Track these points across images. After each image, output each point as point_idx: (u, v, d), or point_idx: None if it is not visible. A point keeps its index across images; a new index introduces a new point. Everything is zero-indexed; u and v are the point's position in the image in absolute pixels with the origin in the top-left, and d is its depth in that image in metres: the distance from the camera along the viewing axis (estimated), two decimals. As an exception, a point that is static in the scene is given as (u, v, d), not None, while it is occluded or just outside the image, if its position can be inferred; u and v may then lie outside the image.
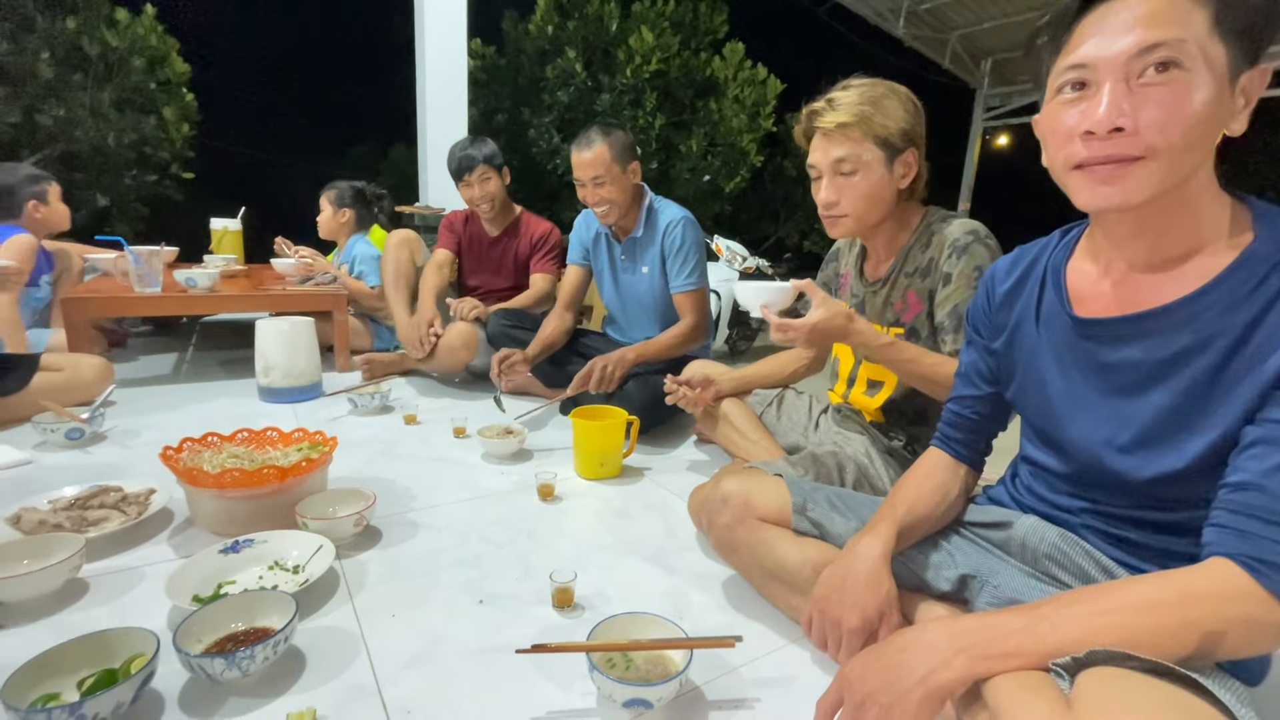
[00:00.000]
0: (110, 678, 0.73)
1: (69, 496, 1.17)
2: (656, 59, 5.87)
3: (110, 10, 5.03)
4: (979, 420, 0.89)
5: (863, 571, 0.78)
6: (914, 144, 1.10)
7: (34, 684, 0.70)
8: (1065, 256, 0.77)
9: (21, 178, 2.28)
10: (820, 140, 1.12)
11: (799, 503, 0.96)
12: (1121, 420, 0.69)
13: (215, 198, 4.13)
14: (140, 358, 2.50)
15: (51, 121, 4.87)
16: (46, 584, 0.91)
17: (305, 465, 1.16)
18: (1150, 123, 0.58)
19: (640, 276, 1.98)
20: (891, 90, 1.09)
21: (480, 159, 2.24)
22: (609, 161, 1.80)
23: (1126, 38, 0.58)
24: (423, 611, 0.97)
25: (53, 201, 2.38)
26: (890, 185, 1.11)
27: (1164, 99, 0.57)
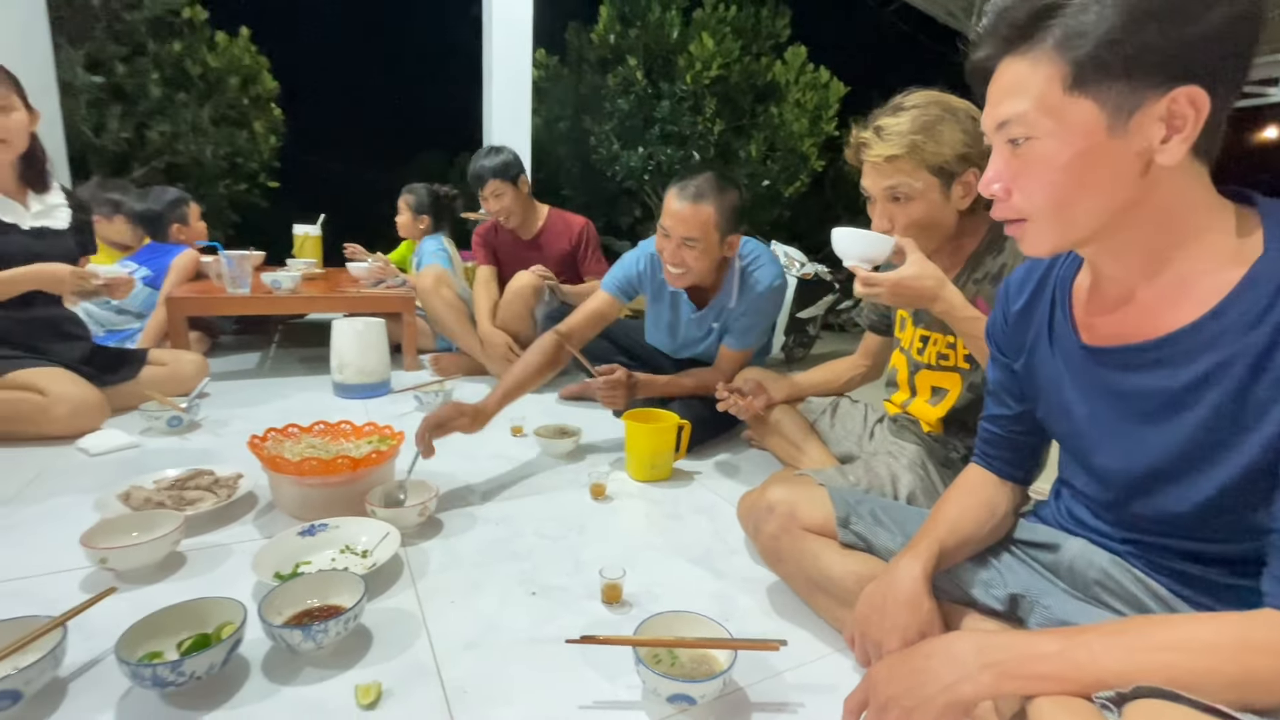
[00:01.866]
0: (204, 641, 0.81)
1: (170, 477, 1.29)
2: (717, 65, 5.87)
3: (211, 34, 5.46)
4: (1016, 438, 0.85)
5: (902, 593, 0.76)
6: (974, 164, 1.05)
7: (140, 642, 0.79)
8: (1073, 272, 0.73)
9: (166, 204, 2.62)
10: (870, 169, 1.09)
11: (843, 516, 0.95)
12: (1149, 449, 0.64)
13: (296, 204, 4.40)
14: (230, 354, 2.71)
15: (158, 137, 5.31)
16: (152, 555, 1.01)
17: (375, 457, 1.24)
18: (1019, 189, 0.61)
19: (707, 331, 1.84)
20: (948, 111, 1.04)
21: (490, 173, 2.21)
22: (710, 227, 1.54)
23: (990, 113, 0.61)
24: (479, 599, 1.02)
25: (192, 221, 2.70)
26: (947, 209, 1.08)
27: (1024, 168, 0.59)
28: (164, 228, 2.62)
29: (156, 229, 2.62)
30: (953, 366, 1.21)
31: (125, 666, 0.73)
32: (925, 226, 1.09)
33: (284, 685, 0.81)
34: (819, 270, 4.40)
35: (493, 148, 2.30)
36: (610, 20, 6.25)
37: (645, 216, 7.06)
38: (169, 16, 5.23)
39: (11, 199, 1.61)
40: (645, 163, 6.18)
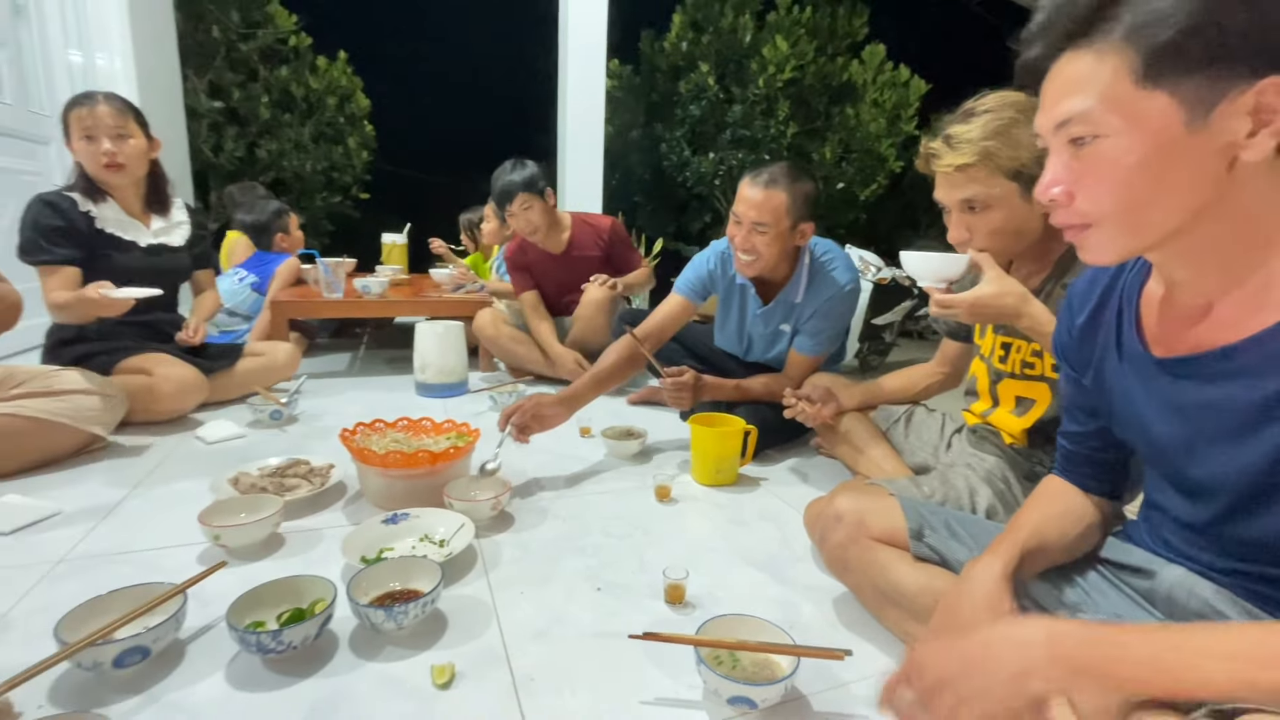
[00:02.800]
0: (300, 614, 0.88)
1: (272, 465, 1.41)
2: (790, 67, 5.79)
3: (313, 58, 5.92)
4: (1095, 454, 0.79)
5: (980, 594, 0.71)
6: None
7: (247, 612, 0.87)
8: (1141, 280, 0.67)
9: (270, 214, 2.88)
10: (942, 180, 1.04)
11: (915, 528, 0.92)
12: (1242, 465, 0.58)
13: (384, 214, 4.68)
14: (324, 355, 2.92)
15: (266, 154, 5.81)
16: (257, 534, 1.11)
17: (453, 452, 1.31)
18: (1083, 192, 0.56)
19: (778, 333, 1.82)
20: (1024, 111, 0.98)
21: (519, 187, 2.20)
22: (782, 213, 1.55)
23: (1047, 113, 0.57)
24: (547, 592, 1.05)
25: (293, 230, 2.95)
26: (1031, 214, 1.02)
27: (1089, 170, 0.55)
28: (269, 237, 2.86)
29: (262, 238, 2.86)
30: (1039, 375, 1.14)
31: (234, 632, 0.81)
32: (1007, 234, 1.04)
33: (368, 660, 0.87)
34: (896, 275, 4.24)
35: (517, 162, 2.28)
36: (683, 27, 6.29)
37: (715, 222, 7.03)
38: (278, 45, 5.71)
39: (135, 218, 1.78)
40: (716, 168, 6.16)
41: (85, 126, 1.63)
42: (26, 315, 1.50)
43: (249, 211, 2.90)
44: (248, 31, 5.51)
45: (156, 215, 1.84)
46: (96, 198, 1.71)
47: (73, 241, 1.65)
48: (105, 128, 1.64)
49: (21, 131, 2.61)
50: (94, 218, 1.70)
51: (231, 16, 5.34)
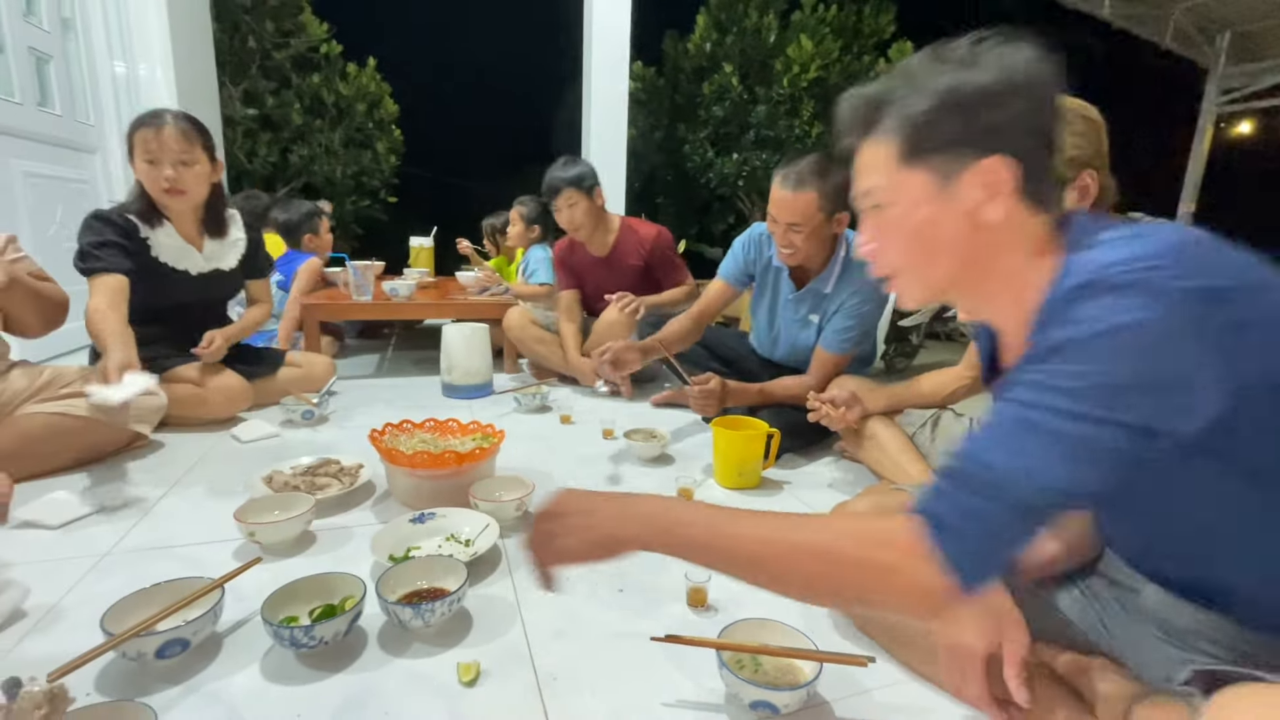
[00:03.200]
0: (331, 610, 0.91)
1: (304, 464, 1.45)
2: (815, 67, 5.75)
3: (344, 65, 6.05)
4: None
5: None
6: (1087, 165, 0.97)
7: (280, 607, 0.89)
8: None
9: (301, 215, 2.95)
10: None
11: None
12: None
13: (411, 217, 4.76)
14: (353, 356, 2.98)
15: (299, 159, 5.96)
16: (290, 531, 1.15)
17: (479, 453, 1.33)
18: (882, 251, 0.69)
19: (805, 323, 1.84)
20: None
21: (566, 182, 2.22)
22: (814, 211, 1.59)
23: (856, 186, 0.70)
24: (570, 592, 1.07)
25: (322, 233, 3.01)
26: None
27: (883, 232, 0.68)
28: (298, 236, 2.92)
29: (290, 237, 2.92)
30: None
31: (268, 626, 0.84)
32: None
33: (396, 656, 0.89)
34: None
35: (568, 159, 2.32)
36: (707, 28, 6.28)
37: (738, 223, 7.00)
38: (310, 53, 5.85)
39: (190, 243, 1.78)
40: (739, 169, 6.14)
41: (150, 150, 1.62)
42: (73, 317, 1.57)
43: (284, 211, 2.97)
44: (281, 41, 5.66)
45: (213, 238, 1.84)
46: (154, 221, 1.71)
47: (127, 258, 1.65)
48: (170, 153, 1.63)
49: (70, 141, 2.72)
50: (150, 244, 1.71)
51: (266, 26, 5.49)
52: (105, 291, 1.57)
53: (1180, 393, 0.50)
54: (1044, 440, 0.51)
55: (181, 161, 1.66)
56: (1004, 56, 0.59)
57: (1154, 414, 0.50)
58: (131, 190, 1.73)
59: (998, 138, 0.60)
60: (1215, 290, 0.49)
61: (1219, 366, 0.49)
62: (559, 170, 2.28)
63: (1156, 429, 0.50)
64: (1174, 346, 0.48)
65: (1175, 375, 0.49)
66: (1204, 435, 0.52)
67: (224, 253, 1.88)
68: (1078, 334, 0.50)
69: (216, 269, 1.85)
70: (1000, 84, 0.59)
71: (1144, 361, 0.49)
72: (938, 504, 0.54)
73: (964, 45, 0.61)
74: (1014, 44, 0.60)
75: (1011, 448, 0.52)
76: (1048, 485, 0.51)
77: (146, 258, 1.71)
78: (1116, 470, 0.51)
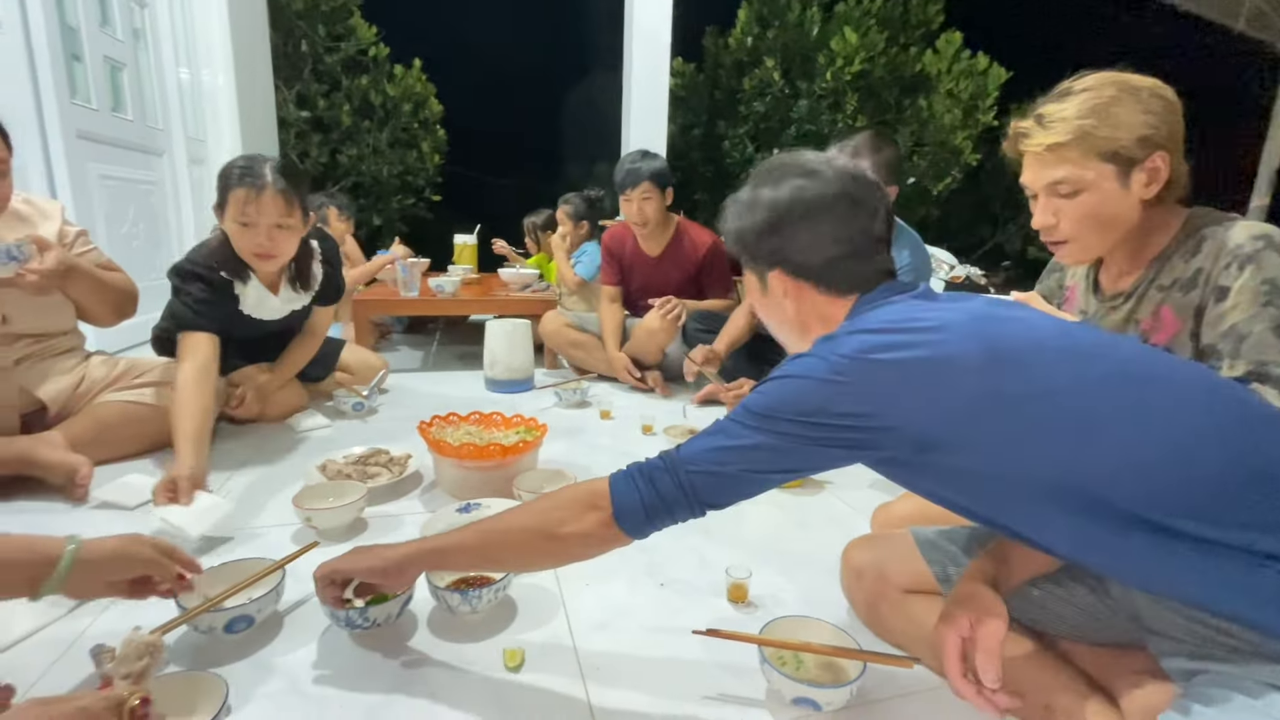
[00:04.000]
0: (382, 596, 0.94)
1: (356, 454, 1.50)
2: (860, 60, 5.63)
3: (391, 67, 6.21)
4: None
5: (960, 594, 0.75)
6: (1160, 147, 0.92)
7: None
8: None
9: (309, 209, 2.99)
10: (1031, 160, 0.98)
11: (940, 571, 0.88)
12: None
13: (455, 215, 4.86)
14: (400, 350, 3.07)
15: (347, 160, 6.15)
16: (344, 517, 1.20)
17: (522, 446, 1.36)
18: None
19: None
20: (1126, 90, 0.91)
21: (646, 175, 2.22)
22: None
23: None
24: (611, 585, 1.08)
25: (332, 222, 3.06)
26: (1127, 200, 0.94)
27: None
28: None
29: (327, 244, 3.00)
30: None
31: (326, 608, 0.87)
32: (1099, 221, 0.97)
33: (445, 641, 0.92)
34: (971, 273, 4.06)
35: (645, 152, 2.32)
36: (748, 23, 6.22)
37: (778, 219, 6.92)
38: (359, 56, 6.02)
39: (270, 291, 1.70)
40: (780, 165, 6.06)
41: (246, 214, 1.50)
42: (145, 309, 1.67)
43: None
44: (332, 44, 5.84)
45: (293, 291, 1.76)
46: (243, 276, 1.64)
47: (220, 319, 1.59)
48: (267, 217, 1.52)
49: (140, 144, 2.87)
50: (239, 299, 1.67)
51: (318, 30, 5.68)
52: (198, 358, 1.48)
53: (819, 419, 0.67)
54: (714, 432, 0.74)
55: (278, 225, 1.54)
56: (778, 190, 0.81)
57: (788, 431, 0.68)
58: (215, 238, 1.64)
59: (761, 257, 0.83)
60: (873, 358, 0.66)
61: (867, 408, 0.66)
62: (639, 161, 2.25)
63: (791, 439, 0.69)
64: (817, 391, 0.67)
65: (813, 409, 0.67)
66: (885, 455, 0.70)
67: (298, 297, 1.80)
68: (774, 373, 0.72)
69: (291, 310, 1.80)
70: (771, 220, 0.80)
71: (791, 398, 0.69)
72: (638, 461, 0.78)
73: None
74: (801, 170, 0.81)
75: (693, 438, 0.76)
76: (691, 457, 0.73)
77: (234, 309, 1.67)
78: (760, 456, 0.70)
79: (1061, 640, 0.83)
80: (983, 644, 0.68)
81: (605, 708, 0.81)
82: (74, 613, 0.95)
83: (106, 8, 2.69)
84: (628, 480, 0.75)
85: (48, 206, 1.50)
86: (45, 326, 1.44)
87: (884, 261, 0.81)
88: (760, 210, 0.80)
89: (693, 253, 2.42)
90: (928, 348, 0.64)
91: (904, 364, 0.64)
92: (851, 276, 0.79)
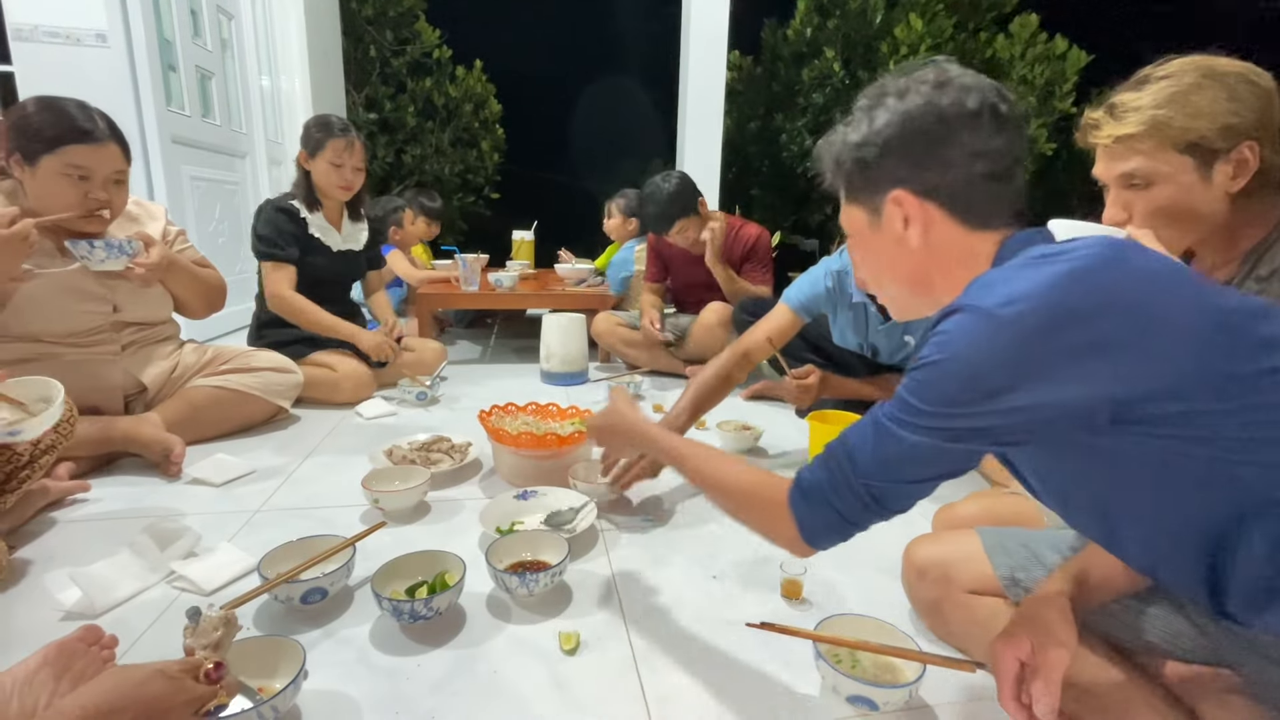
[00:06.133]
0: (437, 584, 0.96)
1: (420, 441, 1.56)
2: (925, 47, 5.41)
3: (453, 69, 6.39)
4: None
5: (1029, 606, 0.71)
6: (1248, 137, 0.84)
7: (385, 583, 0.94)
8: None
9: (387, 210, 3.17)
10: (1102, 152, 0.92)
11: (1006, 575, 0.83)
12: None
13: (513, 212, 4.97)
14: (461, 343, 3.17)
15: (411, 159, 6.37)
16: (409, 500, 1.25)
17: (578, 436, 1.38)
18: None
19: (900, 343, 1.75)
20: (1210, 76, 0.84)
21: (676, 215, 2.23)
22: None
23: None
24: (664, 575, 1.09)
25: (406, 224, 3.21)
26: (1209, 193, 0.87)
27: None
28: (385, 231, 3.12)
29: (382, 232, 3.13)
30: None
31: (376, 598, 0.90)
32: (1174, 215, 0.90)
33: (503, 621, 0.95)
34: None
35: (654, 185, 2.27)
36: (807, 13, 6.08)
37: (836, 214, 6.73)
38: (423, 58, 6.23)
39: (332, 225, 2.10)
40: (840, 158, 5.89)
41: (340, 156, 1.98)
42: (231, 302, 1.79)
43: (371, 209, 3.18)
44: (399, 48, 6.06)
45: (348, 221, 2.16)
46: (312, 207, 2.04)
47: (296, 243, 2.00)
48: (355, 161, 2.01)
49: (226, 147, 3.07)
50: (308, 223, 2.04)
51: (386, 35, 5.90)
52: (286, 277, 1.98)
53: (1002, 401, 0.55)
54: (879, 436, 0.64)
55: (358, 169, 2.04)
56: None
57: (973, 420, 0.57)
58: (296, 182, 2.07)
59: (884, 175, 0.69)
60: (1065, 315, 0.53)
61: (1056, 380, 0.54)
62: (659, 205, 2.24)
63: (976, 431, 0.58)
64: (993, 366, 0.55)
65: (992, 389, 0.55)
66: (1064, 429, 0.57)
67: (355, 235, 2.18)
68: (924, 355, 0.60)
69: (349, 249, 2.15)
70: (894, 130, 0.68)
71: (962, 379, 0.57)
72: (805, 472, 0.70)
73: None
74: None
75: (859, 439, 0.66)
76: (867, 471, 0.64)
77: (305, 234, 2.03)
78: (937, 463, 0.62)
79: (1139, 653, 0.79)
80: (1043, 672, 0.64)
81: (659, 694, 0.82)
82: (170, 579, 1.03)
83: (198, 21, 2.88)
84: (807, 505, 0.68)
85: (154, 208, 1.65)
86: (148, 316, 1.57)
87: (1022, 194, 0.69)
88: (880, 122, 0.68)
89: (738, 247, 2.42)
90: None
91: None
92: (995, 201, 0.67)
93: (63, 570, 1.01)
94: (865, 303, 1.72)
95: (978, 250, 0.67)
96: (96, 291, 1.44)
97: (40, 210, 1.31)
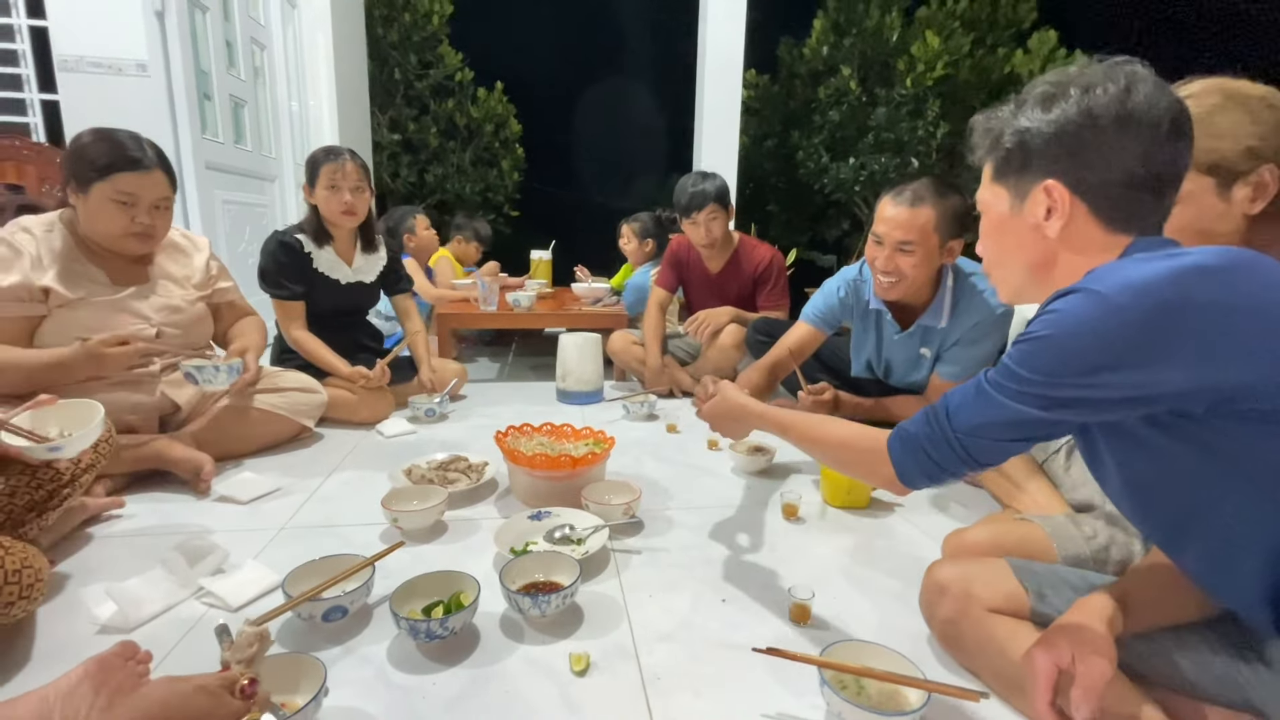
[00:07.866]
0: (453, 605, 0.99)
1: (438, 460, 1.60)
2: (942, 64, 5.42)
3: (474, 90, 6.55)
4: None
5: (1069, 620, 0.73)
6: (1269, 160, 0.85)
7: (403, 602, 0.97)
8: None
9: (398, 219, 3.24)
10: None
11: (1035, 589, 0.84)
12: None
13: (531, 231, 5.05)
14: (480, 361, 3.23)
15: (433, 179, 6.52)
16: (426, 519, 1.28)
17: (591, 457, 1.41)
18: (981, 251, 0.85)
19: (917, 357, 1.75)
20: (1232, 98, 0.86)
21: (712, 196, 2.25)
22: (929, 231, 1.50)
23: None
24: (674, 597, 1.11)
25: (419, 231, 3.27)
26: (1227, 215, 0.88)
27: (982, 234, 0.83)
28: (399, 240, 3.18)
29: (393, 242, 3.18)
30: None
31: (393, 616, 0.93)
32: (1192, 235, 0.92)
33: (515, 642, 0.98)
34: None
35: (704, 173, 2.36)
36: (824, 31, 6.13)
37: (854, 229, 6.75)
38: (446, 80, 6.39)
39: (342, 259, 2.09)
40: (857, 173, 5.91)
41: (334, 179, 1.96)
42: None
43: (387, 219, 3.26)
44: (422, 71, 6.23)
45: (361, 254, 2.15)
46: (321, 241, 2.04)
47: (297, 278, 2.01)
48: (349, 181, 1.97)
49: (257, 172, 3.18)
50: (312, 258, 2.03)
51: (410, 59, 6.07)
52: (288, 315, 2.02)
53: (1101, 377, 0.59)
54: (979, 397, 0.70)
55: (356, 188, 1.99)
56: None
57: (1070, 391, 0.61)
58: (307, 217, 2.05)
59: (1043, 161, 0.71)
60: (1184, 305, 0.56)
61: (1160, 365, 0.57)
62: (702, 184, 2.28)
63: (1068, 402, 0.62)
64: (1099, 344, 0.58)
65: (1095, 365, 0.59)
66: (1161, 414, 0.60)
67: (368, 268, 2.17)
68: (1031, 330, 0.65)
69: (360, 281, 2.14)
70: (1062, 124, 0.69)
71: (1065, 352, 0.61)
72: (907, 424, 0.79)
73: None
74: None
75: (961, 400, 0.72)
76: (963, 428, 0.71)
77: (309, 269, 2.04)
78: (1028, 429, 0.66)
79: (1160, 689, 0.78)
80: (1084, 680, 0.64)
81: (666, 715, 0.84)
82: (199, 594, 1.07)
83: (233, 52, 3.01)
84: (904, 451, 0.77)
85: (199, 241, 1.75)
86: (188, 344, 1.64)
87: (1168, 211, 0.70)
88: (1056, 111, 0.68)
89: (750, 268, 2.44)
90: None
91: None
92: (1140, 209, 0.68)
93: (99, 585, 1.06)
94: (882, 310, 1.73)
95: (1108, 248, 0.69)
96: (140, 319, 1.52)
97: (89, 233, 1.42)
